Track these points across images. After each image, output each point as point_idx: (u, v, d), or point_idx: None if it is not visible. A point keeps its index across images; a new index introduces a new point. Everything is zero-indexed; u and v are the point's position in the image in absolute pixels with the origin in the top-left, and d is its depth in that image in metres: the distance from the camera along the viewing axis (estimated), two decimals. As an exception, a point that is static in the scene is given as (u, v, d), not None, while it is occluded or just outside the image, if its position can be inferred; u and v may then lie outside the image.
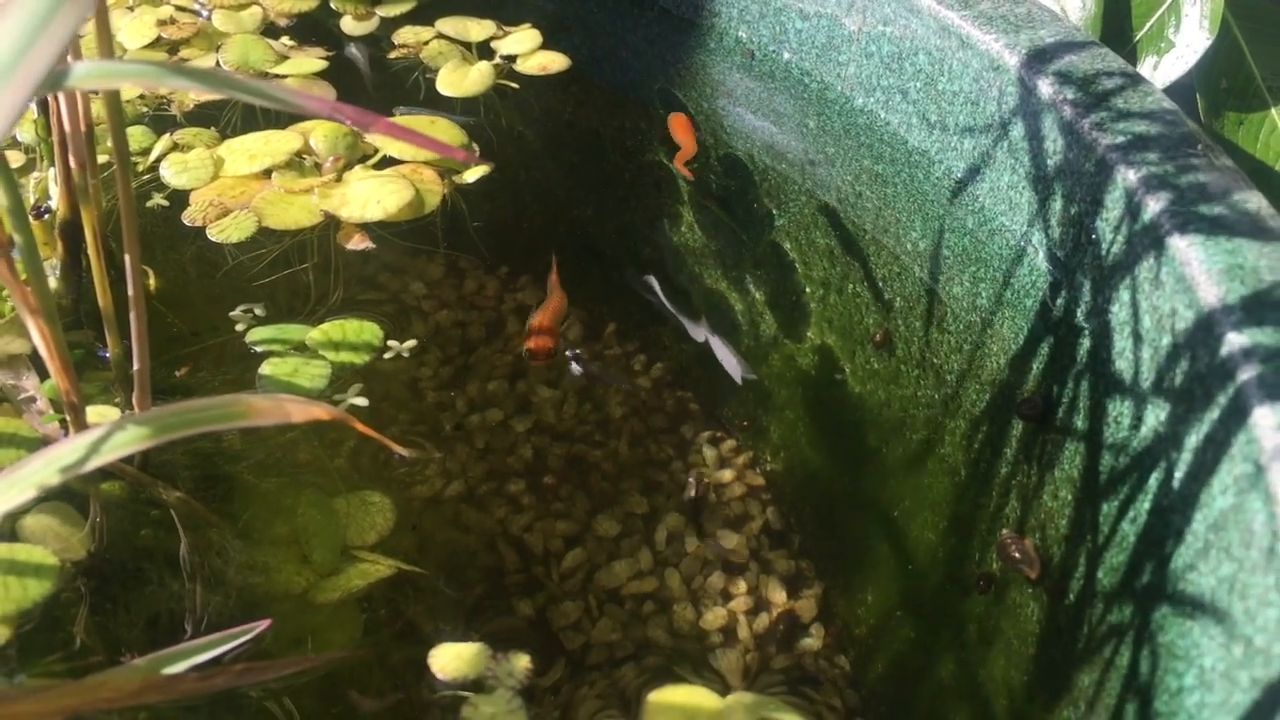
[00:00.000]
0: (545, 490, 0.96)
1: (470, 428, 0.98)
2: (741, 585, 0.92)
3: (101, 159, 0.96)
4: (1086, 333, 0.76)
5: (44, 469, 0.55)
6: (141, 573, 0.76)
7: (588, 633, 0.86)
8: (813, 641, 0.88)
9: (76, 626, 0.71)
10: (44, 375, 0.86)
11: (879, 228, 0.95)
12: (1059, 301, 0.79)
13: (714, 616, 0.89)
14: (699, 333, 1.10)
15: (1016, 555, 0.76)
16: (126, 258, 0.65)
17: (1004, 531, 0.78)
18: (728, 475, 1.01)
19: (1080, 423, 0.75)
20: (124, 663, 0.66)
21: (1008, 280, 0.83)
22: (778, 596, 0.91)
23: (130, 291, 0.66)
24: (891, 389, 0.92)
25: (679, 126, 1.17)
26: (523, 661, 0.78)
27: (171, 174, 1.13)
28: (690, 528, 0.90)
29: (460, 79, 1.26)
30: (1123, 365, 0.72)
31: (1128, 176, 0.74)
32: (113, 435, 0.56)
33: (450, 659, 0.77)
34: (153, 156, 1.14)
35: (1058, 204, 0.80)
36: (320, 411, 0.62)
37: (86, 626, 0.72)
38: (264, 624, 0.66)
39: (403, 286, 1.09)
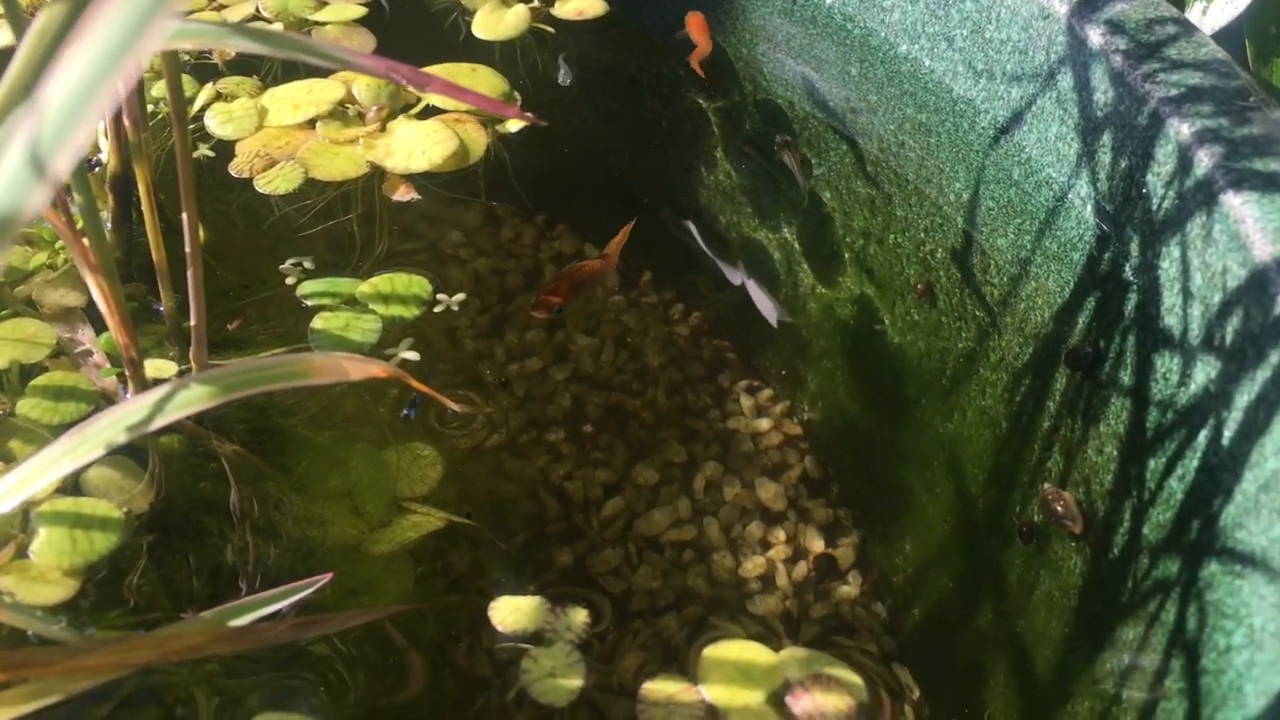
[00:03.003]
0: (584, 439, 0.97)
1: (509, 377, 0.99)
2: (780, 534, 0.93)
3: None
4: (1134, 288, 0.76)
5: (111, 427, 0.56)
6: (202, 525, 0.77)
7: (628, 579, 0.87)
8: (850, 589, 0.90)
9: (142, 579, 0.73)
10: (99, 328, 0.87)
11: (922, 178, 0.94)
12: (1106, 255, 0.79)
13: (753, 565, 0.91)
14: (736, 276, 1.10)
15: (1059, 510, 0.76)
16: (184, 215, 0.65)
17: (1046, 486, 0.79)
18: (765, 424, 1.01)
19: (1126, 378, 0.75)
20: (189, 616, 0.67)
21: (1054, 233, 0.83)
22: (816, 545, 0.92)
23: (188, 249, 0.67)
24: (932, 340, 0.92)
25: (694, 25, 1.17)
26: (581, 615, 0.79)
27: (216, 124, 1.12)
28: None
29: (496, 22, 1.25)
30: (1171, 321, 0.72)
31: (1180, 130, 0.73)
32: (177, 394, 0.57)
33: (510, 612, 0.78)
34: (196, 106, 1.14)
35: (1107, 156, 0.79)
36: (378, 369, 0.62)
37: (151, 579, 0.74)
38: (326, 578, 0.68)
39: (442, 235, 1.09)
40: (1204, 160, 0.71)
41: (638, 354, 1.05)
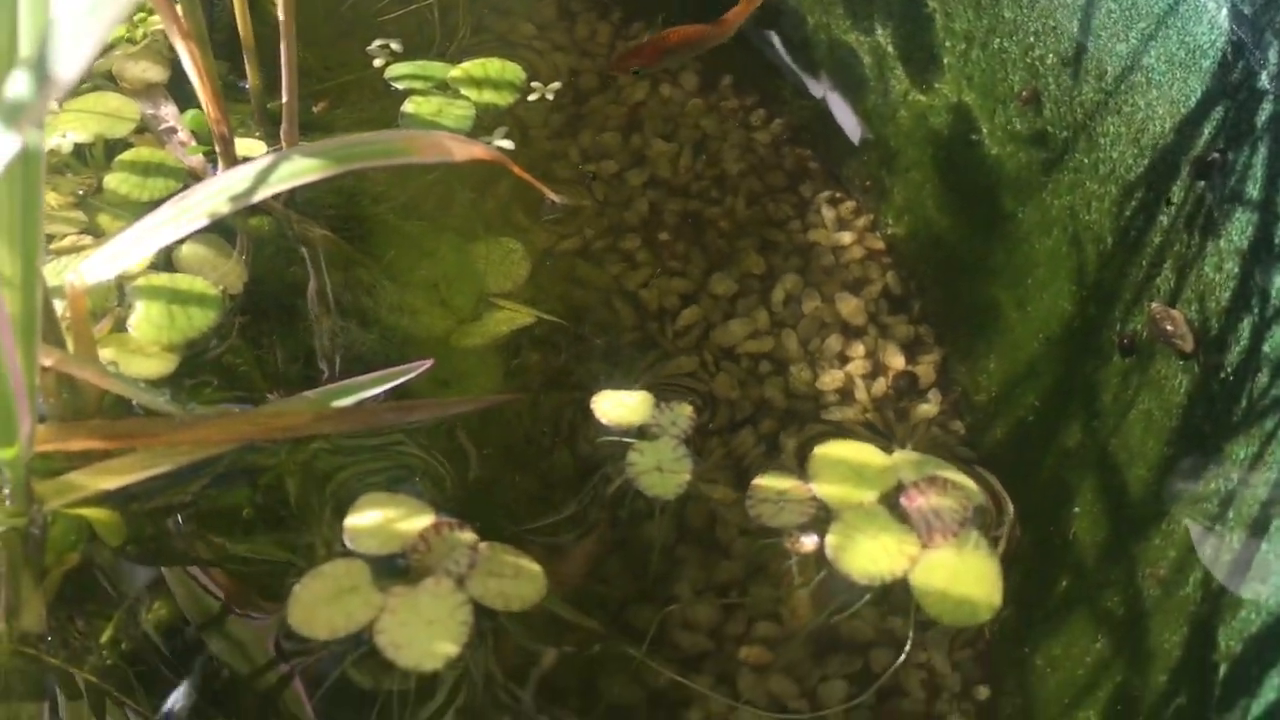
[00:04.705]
0: (661, 247, 0.94)
1: (580, 181, 0.96)
2: (859, 349, 0.91)
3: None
4: (1270, 97, 0.71)
5: (215, 197, 0.53)
6: (293, 308, 0.75)
7: (708, 384, 0.86)
8: (929, 407, 0.88)
9: (238, 359, 0.72)
10: (183, 105, 0.84)
11: (1034, -24, 0.88)
12: (1240, 63, 0.74)
13: (830, 379, 0.89)
14: (818, 89, 1.05)
15: (1169, 328, 0.74)
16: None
17: (1153, 304, 0.76)
18: (847, 237, 0.98)
19: (1255, 191, 0.71)
20: (275, 396, 0.66)
21: (1181, 38, 0.77)
22: (896, 361, 0.91)
23: (281, 17, 0.63)
24: (1034, 151, 0.87)
25: None
26: (686, 410, 0.78)
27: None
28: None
29: None
30: (1313, 131, 0.67)
31: (1341, -79, 0.67)
32: (281, 165, 0.54)
33: (614, 405, 0.77)
34: None
35: (1251, -48, 0.74)
36: (480, 151, 0.59)
37: (246, 359, 0.72)
38: (426, 363, 0.66)
39: (512, 28, 1.04)
40: (1367, -46, 0.65)
41: (716, 161, 1.01)
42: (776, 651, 0.73)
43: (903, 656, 0.73)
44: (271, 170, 0.54)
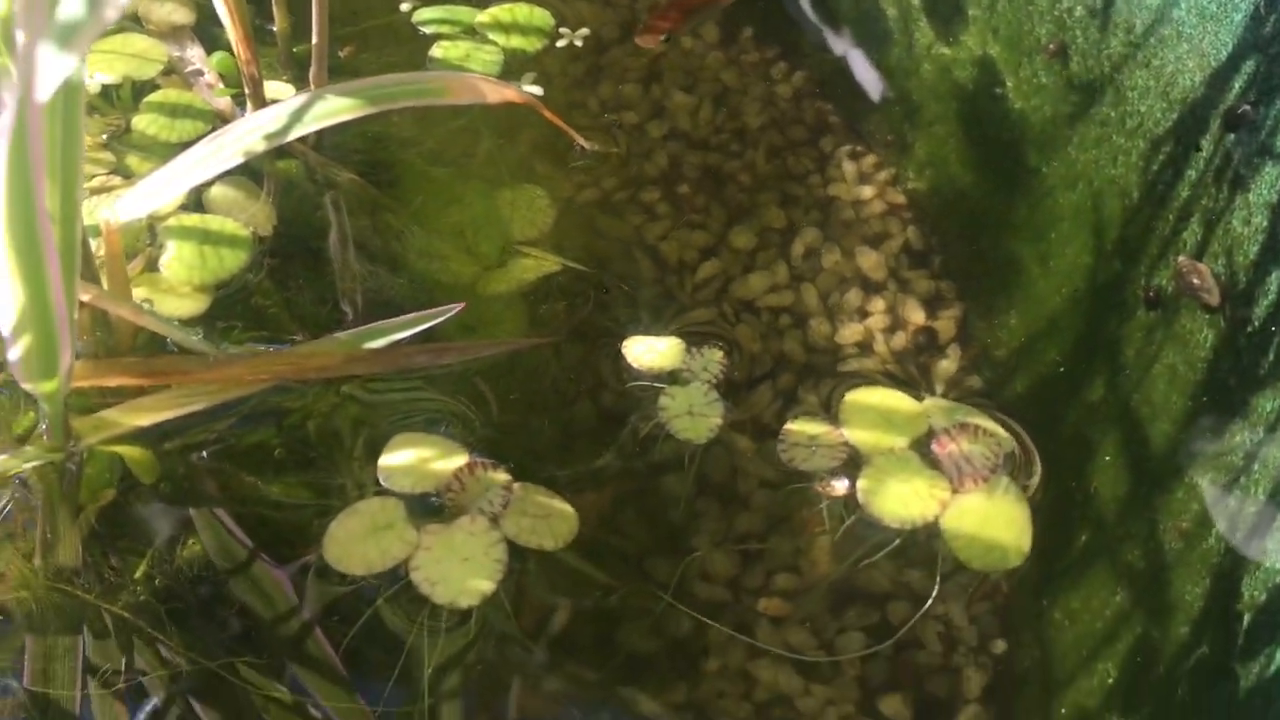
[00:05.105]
0: (681, 199, 0.94)
1: (604, 129, 0.95)
2: (879, 303, 0.91)
3: None
4: (1304, 49, 0.71)
5: (250, 135, 0.53)
6: (322, 252, 0.75)
7: (731, 333, 0.86)
8: (949, 363, 0.88)
9: (267, 300, 0.71)
10: (208, 47, 0.83)
11: (1063, -72, 0.87)
12: (1273, 16, 0.73)
13: (850, 332, 0.89)
14: (840, 45, 1.04)
15: (1195, 282, 0.74)
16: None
17: (1180, 258, 0.76)
18: (867, 192, 0.98)
19: (1285, 145, 0.71)
20: (305, 339, 0.66)
21: (1213, -10, 0.77)
22: (916, 316, 0.90)
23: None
24: (1060, 105, 0.87)
25: None
26: (717, 355, 0.78)
27: None
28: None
29: None
30: (1347, 85, 0.67)
31: None
32: (314, 105, 0.54)
33: (646, 350, 0.77)
34: None
35: (1287, -98, 0.73)
36: (514, 94, 0.59)
37: (275, 301, 0.72)
38: (457, 306, 0.66)
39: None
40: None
41: (737, 114, 1.01)
42: (795, 603, 0.73)
43: (929, 603, 0.73)
44: (306, 109, 0.53)
